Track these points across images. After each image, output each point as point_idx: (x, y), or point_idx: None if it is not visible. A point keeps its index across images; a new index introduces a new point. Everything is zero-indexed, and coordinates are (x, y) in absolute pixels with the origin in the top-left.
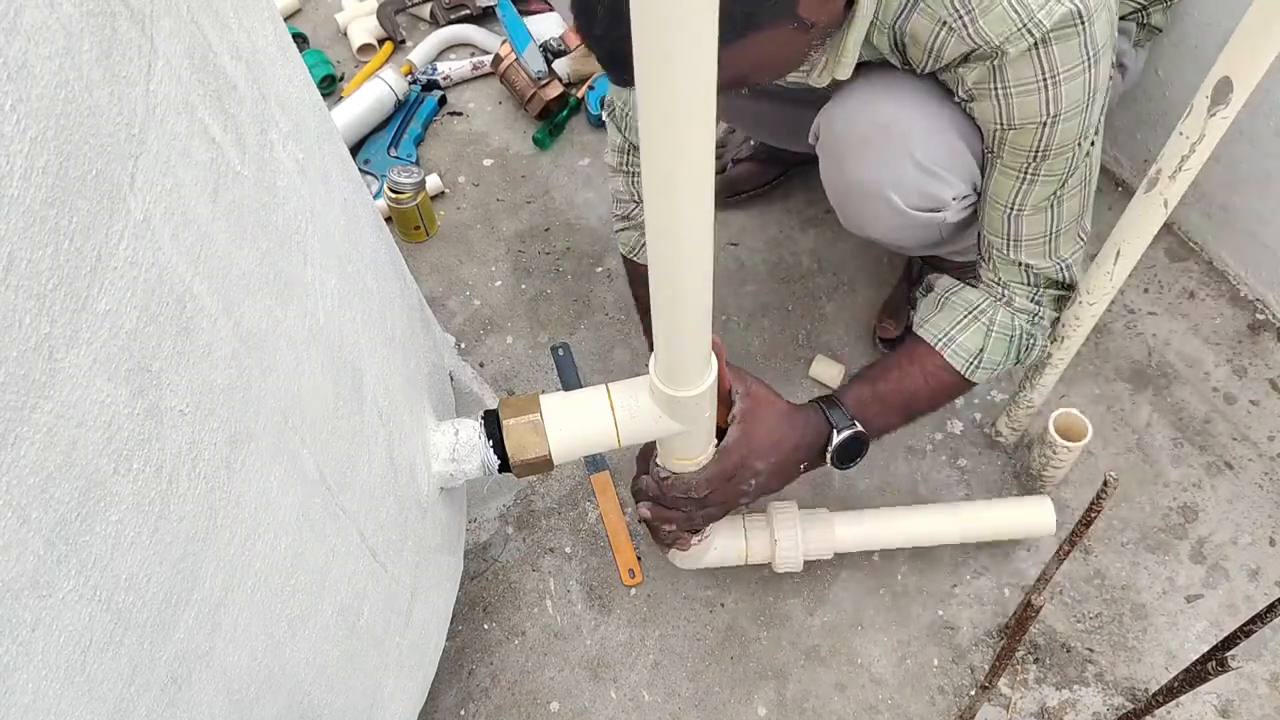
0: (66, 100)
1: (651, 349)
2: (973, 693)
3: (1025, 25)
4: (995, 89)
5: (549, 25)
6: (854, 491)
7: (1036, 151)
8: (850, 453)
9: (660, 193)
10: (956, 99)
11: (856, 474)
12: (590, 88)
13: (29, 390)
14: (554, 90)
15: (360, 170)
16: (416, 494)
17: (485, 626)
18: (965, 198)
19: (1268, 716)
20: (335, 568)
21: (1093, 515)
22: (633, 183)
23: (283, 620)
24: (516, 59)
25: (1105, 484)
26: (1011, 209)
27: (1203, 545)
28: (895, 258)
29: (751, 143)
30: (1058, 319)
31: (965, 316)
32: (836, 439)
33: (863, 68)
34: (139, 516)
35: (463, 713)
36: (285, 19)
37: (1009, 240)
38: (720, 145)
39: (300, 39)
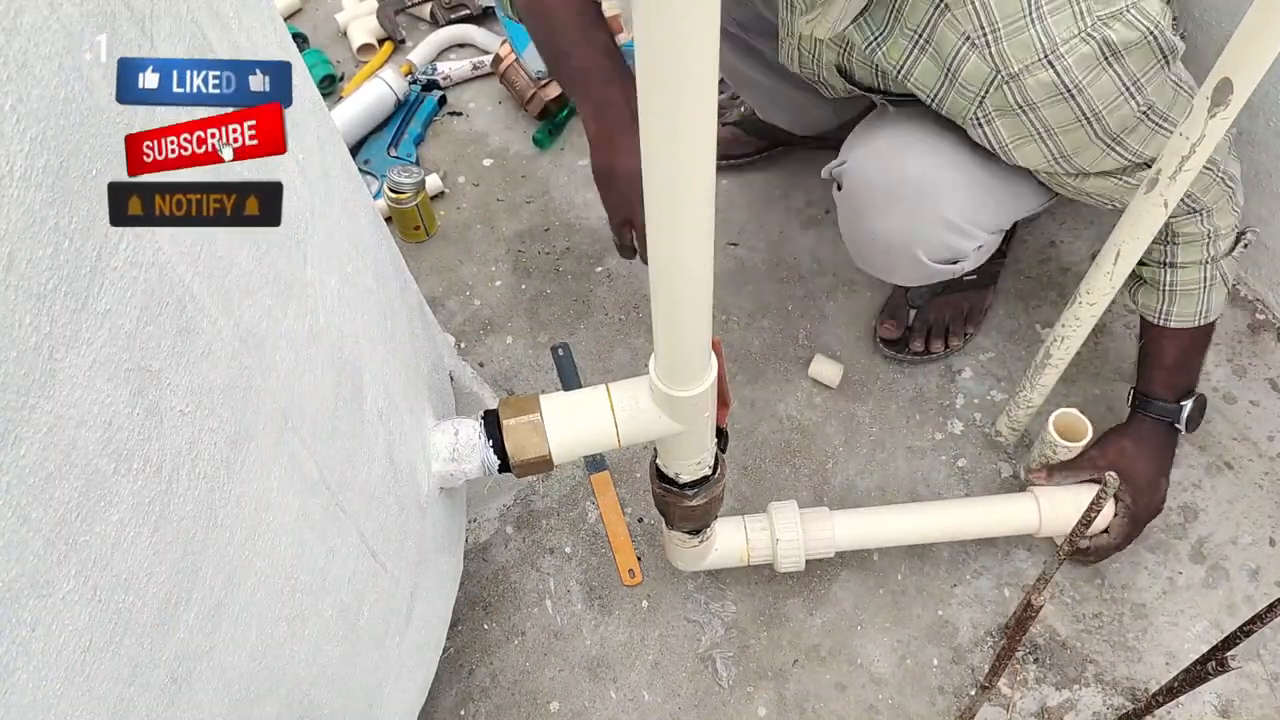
0: (66, 100)
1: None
2: (973, 693)
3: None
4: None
5: None
6: (854, 491)
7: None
8: (1197, 418)
9: (660, 193)
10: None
11: (856, 474)
12: None
13: (29, 390)
14: (554, 90)
15: (360, 170)
16: (416, 494)
17: (485, 626)
18: (983, 246)
19: (1268, 716)
20: (335, 568)
21: (1092, 515)
22: None
23: (283, 620)
24: (516, 59)
25: (1105, 484)
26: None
27: (1203, 545)
28: None
29: (742, 109)
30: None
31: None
32: (1182, 424)
33: (884, 111)
34: (139, 516)
35: (463, 713)
36: (285, 19)
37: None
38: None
39: (300, 39)
